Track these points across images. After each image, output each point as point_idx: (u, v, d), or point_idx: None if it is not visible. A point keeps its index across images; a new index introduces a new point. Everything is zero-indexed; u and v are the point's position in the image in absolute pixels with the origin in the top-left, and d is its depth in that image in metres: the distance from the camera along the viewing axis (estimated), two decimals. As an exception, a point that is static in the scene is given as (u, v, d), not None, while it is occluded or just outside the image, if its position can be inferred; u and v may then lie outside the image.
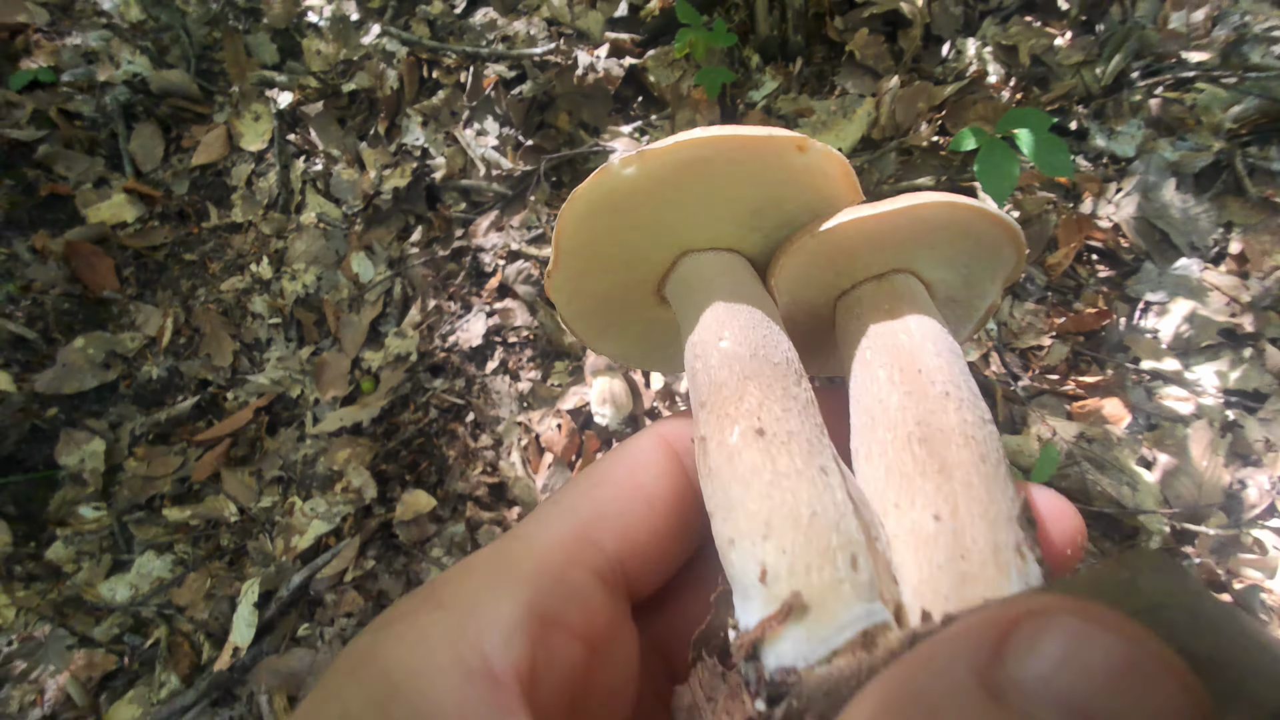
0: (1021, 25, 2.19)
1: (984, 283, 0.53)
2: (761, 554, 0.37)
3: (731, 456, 0.41)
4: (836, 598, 0.35)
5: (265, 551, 1.72)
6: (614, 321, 0.58)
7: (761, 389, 0.43)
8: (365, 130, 2.37)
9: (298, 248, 2.19)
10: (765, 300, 0.51)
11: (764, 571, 0.37)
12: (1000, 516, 0.38)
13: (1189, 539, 1.52)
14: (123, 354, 2.00)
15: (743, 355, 0.45)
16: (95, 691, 1.57)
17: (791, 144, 0.45)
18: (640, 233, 0.50)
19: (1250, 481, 1.57)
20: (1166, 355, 1.75)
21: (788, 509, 0.38)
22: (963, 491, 0.39)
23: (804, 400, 0.44)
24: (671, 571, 0.47)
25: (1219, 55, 2.07)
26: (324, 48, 2.48)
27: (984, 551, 0.38)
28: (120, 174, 2.27)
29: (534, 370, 1.96)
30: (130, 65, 2.38)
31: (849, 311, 0.52)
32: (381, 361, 2.02)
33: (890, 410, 0.43)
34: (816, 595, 0.35)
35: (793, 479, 0.39)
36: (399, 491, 1.76)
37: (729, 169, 0.46)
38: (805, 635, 0.35)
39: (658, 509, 0.44)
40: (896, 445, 0.42)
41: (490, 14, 2.52)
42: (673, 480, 0.46)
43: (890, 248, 0.49)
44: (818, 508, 0.37)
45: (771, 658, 0.35)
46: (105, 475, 1.84)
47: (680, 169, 0.45)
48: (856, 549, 0.37)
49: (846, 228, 0.46)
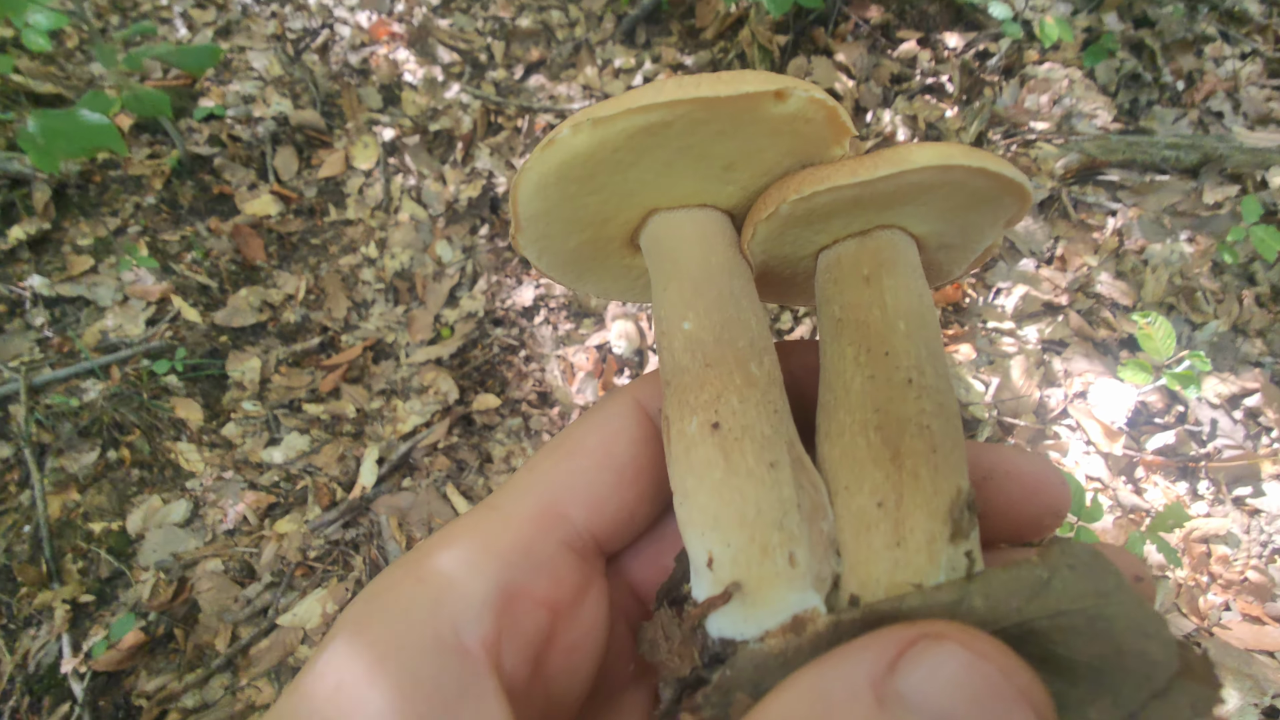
0: (922, 101, 3.09)
1: (981, 228, 0.51)
2: (709, 544, 0.41)
3: (689, 448, 0.43)
4: (772, 589, 0.39)
5: (378, 433, 2.43)
6: (589, 269, 0.58)
7: (721, 378, 0.44)
8: (447, 157, 3.22)
9: (396, 237, 2.99)
10: (737, 267, 0.50)
11: (711, 559, 0.41)
12: (940, 508, 0.41)
13: (1009, 430, 2.27)
14: (270, 304, 2.76)
15: (705, 340, 0.46)
16: (262, 516, 2.26)
17: (767, 95, 0.40)
18: (601, 197, 0.48)
19: (1053, 396, 2.33)
20: (1006, 319, 2.54)
21: (734, 507, 0.41)
22: (909, 482, 0.41)
23: (764, 383, 0.45)
24: (643, 528, 0.50)
25: (1055, 125, 2.96)
26: (417, 99, 3.37)
27: (919, 541, 0.41)
28: (266, 181, 3.09)
29: (568, 323, 2.73)
30: (276, 105, 3.24)
31: (827, 272, 0.50)
32: (457, 317, 2.78)
33: (852, 394, 0.44)
34: (754, 585, 0.39)
35: (741, 477, 0.41)
36: (473, 396, 2.50)
37: (692, 129, 0.42)
38: (742, 617, 0.39)
39: (627, 477, 0.47)
40: (853, 430, 0.44)
41: (541, 80, 3.42)
42: (644, 446, 0.48)
43: (874, 209, 0.47)
44: (762, 506, 0.41)
45: (714, 629, 0.40)
46: (259, 384, 2.56)
47: (634, 135, 0.42)
48: (795, 545, 0.40)
49: (823, 195, 0.43)
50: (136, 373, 2.41)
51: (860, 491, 0.42)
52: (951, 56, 3.14)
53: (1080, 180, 2.85)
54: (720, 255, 0.49)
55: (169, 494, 2.28)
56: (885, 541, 0.41)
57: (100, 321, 2.53)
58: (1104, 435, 2.25)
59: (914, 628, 0.32)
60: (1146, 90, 3.15)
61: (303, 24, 3.59)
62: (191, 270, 2.74)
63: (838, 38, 3.21)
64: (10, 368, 2.33)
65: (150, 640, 2.03)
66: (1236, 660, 1.93)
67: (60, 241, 2.67)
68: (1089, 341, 2.47)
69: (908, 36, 3.21)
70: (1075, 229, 2.75)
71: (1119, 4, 3.27)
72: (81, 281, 2.59)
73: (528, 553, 0.43)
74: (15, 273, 2.54)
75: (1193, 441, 2.27)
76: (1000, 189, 0.45)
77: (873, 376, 0.44)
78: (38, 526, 2.13)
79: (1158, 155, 2.78)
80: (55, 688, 1.97)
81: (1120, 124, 3.00)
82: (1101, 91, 3.08)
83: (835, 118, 0.44)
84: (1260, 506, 2.16)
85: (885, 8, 3.26)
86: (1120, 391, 2.31)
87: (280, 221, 2.98)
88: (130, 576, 2.12)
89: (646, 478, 0.48)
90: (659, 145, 0.43)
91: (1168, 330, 2.09)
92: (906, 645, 0.31)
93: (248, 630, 2.07)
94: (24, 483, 2.21)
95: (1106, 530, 2.05)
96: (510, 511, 0.45)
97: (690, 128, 0.42)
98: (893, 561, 0.40)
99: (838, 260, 0.50)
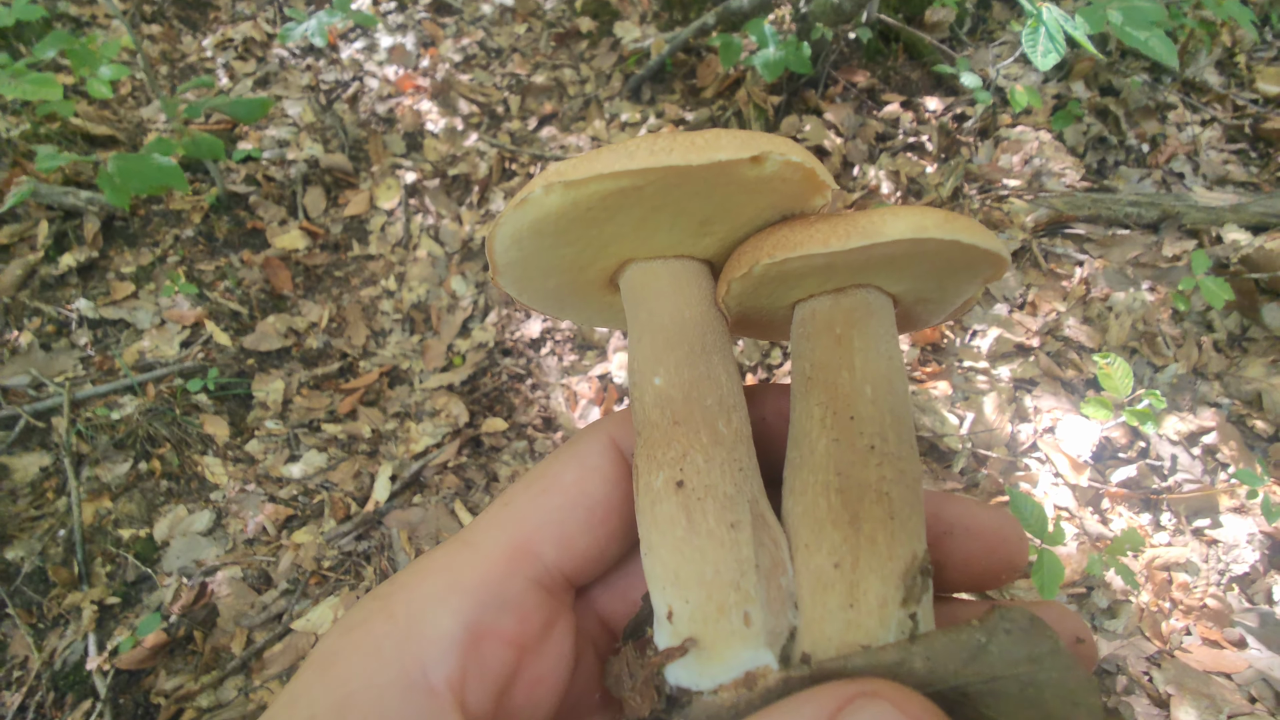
0: (904, 158, 3.35)
1: (959, 287, 0.52)
2: (669, 599, 0.43)
3: (654, 502, 0.45)
4: (726, 646, 0.41)
5: (391, 453, 2.60)
6: (569, 305, 0.59)
7: (688, 436, 0.46)
8: (464, 199, 3.47)
9: (414, 272, 3.21)
10: (711, 321, 0.50)
11: (671, 612, 0.43)
12: (894, 573, 0.42)
13: (983, 461, 2.43)
14: (295, 330, 2.96)
15: (675, 398, 0.47)
16: (280, 527, 2.40)
17: (742, 162, 0.40)
18: (575, 249, 0.48)
19: (1023, 430, 2.50)
20: (981, 359, 2.72)
21: (694, 566, 0.43)
22: (866, 546, 0.43)
23: (731, 441, 0.46)
24: (613, 563, 0.52)
25: (1026, 182, 3.21)
26: (438, 146, 3.64)
27: (871, 604, 0.42)
28: (296, 218, 3.33)
29: (573, 355, 2.92)
30: (308, 149, 3.51)
31: (801, 326, 0.51)
32: (468, 346, 2.98)
33: (817, 454, 0.46)
34: (709, 642, 0.41)
35: (702, 538, 0.43)
36: (482, 420, 2.67)
37: (665, 191, 0.42)
38: (698, 670, 0.42)
39: (598, 516, 0.48)
40: (815, 490, 0.45)
41: (553, 131, 3.71)
42: (616, 486, 0.49)
43: (847, 272, 0.47)
44: (721, 567, 0.42)
45: (672, 677, 0.43)
46: (282, 404, 2.74)
47: (606, 196, 0.41)
48: (751, 605, 0.42)
49: (795, 261, 0.44)
50: (170, 390, 2.60)
51: (819, 551, 0.44)
52: (931, 118, 3.42)
53: (1050, 233, 3.08)
54: (694, 309, 0.50)
55: (194, 504, 2.43)
56: (840, 602, 0.43)
57: (139, 342, 2.72)
58: (1071, 468, 2.41)
59: (854, 685, 0.35)
60: (1113, 152, 3.42)
61: (335, 76, 3.90)
62: (224, 298, 2.95)
63: (827, 99, 3.49)
64: (56, 383, 2.51)
65: (170, 641, 2.15)
66: (1196, 681, 2.04)
67: (106, 269, 2.89)
68: (1057, 380, 2.65)
69: (891, 99, 3.50)
70: (1045, 277, 2.96)
71: (1085, 73, 3.56)
72: (123, 306, 2.80)
73: (497, 591, 0.44)
74: (64, 296, 2.75)
75: (1154, 475, 2.42)
76: (976, 257, 0.45)
77: (837, 440, 0.45)
78: (72, 531, 2.28)
79: (1120, 211, 3.01)
80: (79, 685, 2.09)
81: (1088, 182, 3.25)
82: (1070, 153, 3.35)
83: (813, 177, 0.44)
84: (1218, 537, 2.30)
85: (871, 73, 3.56)
86: (1086, 427, 2.47)
87: (307, 255, 3.21)
88: (155, 580, 2.25)
89: (618, 517, 0.49)
90: (632, 205, 0.43)
91: (1126, 370, 2.27)
92: (845, 701, 0.33)
93: (262, 635, 2.20)
94: (61, 490, 2.36)
95: (1071, 555, 2.19)
96: (483, 548, 0.46)
97: (663, 190, 0.42)
98: (845, 622, 0.42)
99: (812, 315, 0.51)
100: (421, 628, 0.41)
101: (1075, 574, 2.19)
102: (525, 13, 4.20)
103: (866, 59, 3.61)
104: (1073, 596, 2.22)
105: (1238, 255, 2.81)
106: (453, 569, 0.44)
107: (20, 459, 2.40)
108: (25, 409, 2.43)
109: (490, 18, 4.21)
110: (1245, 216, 2.92)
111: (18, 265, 2.74)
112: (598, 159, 0.40)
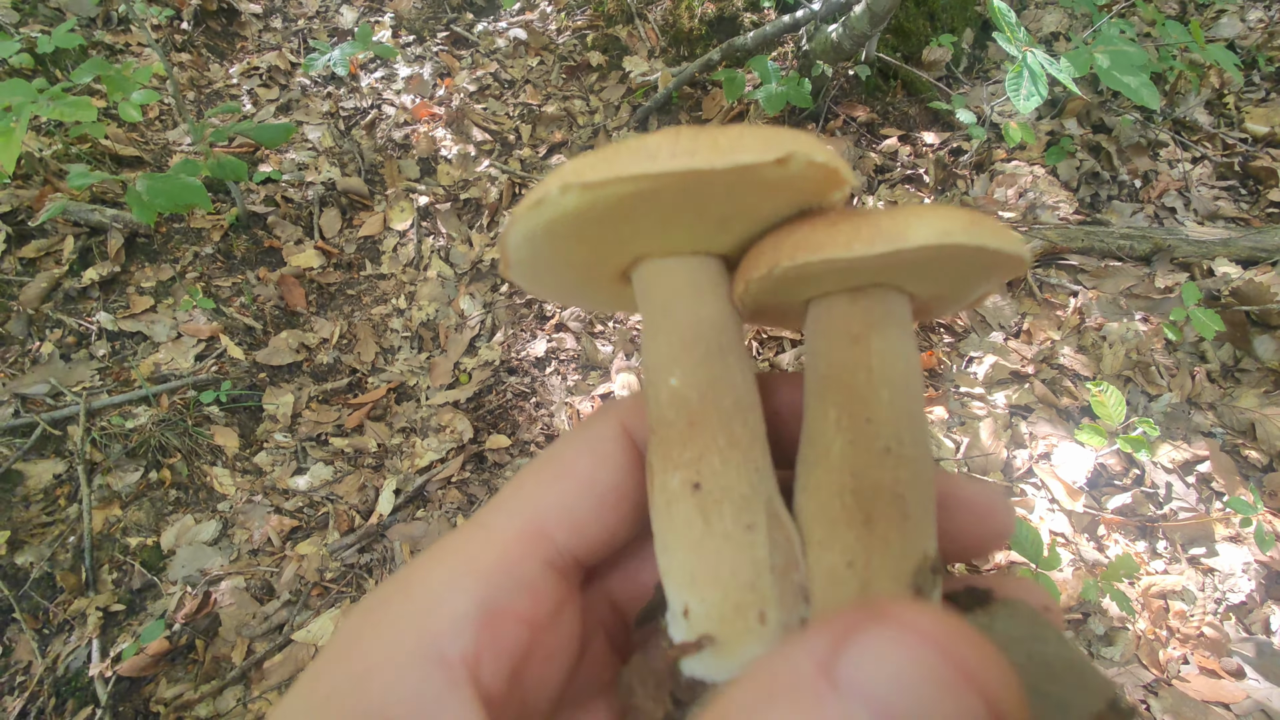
0: (902, 190, 3.45)
1: (977, 284, 0.52)
2: (685, 597, 0.44)
3: (670, 502, 0.46)
4: (741, 643, 0.43)
5: (396, 467, 2.64)
6: (580, 296, 0.60)
7: (705, 438, 0.46)
8: (474, 222, 3.57)
9: (424, 291, 3.30)
10: (727, 320, 0.50)
11: (686, 610, 0.44)
12: (906, 572, 0.43)
13: (978, 485, 2.46)
14: (307, 346, 3.04)
15: (691, 399, 0.47)
16: (285, 538, 2.44)
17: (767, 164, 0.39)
18: (590, 246, 0.49)
19: (1019, 456, 2.53)
20: (977, 385, 2.77)
21: (710, 567, 0.44)
22: (879, 546, 0.44)
23: (746, 442, 0.47)
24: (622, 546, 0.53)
25: (1020, 214, 3.29)
26: (451, 171, 3.76)
27: None
28: (311, 238, 3.43)
29: (576, 375, 2.98)
30: (326, 172, 3.64)
31: (816, 323, 0.51)
32: (475, 364, 3.04)
33: (831, 455, 0.46)
34: (724, 638, 0.43)
35: (718, 539, 0.44)
36: (486, 437, 2.72)
37: (684, 193, 0.42)
38: (713, 663, 0.43)
39: (610, 502, 0.50)
40: (829, 490, 0.46)
41: (562, 158, 3.83)
42: (628, 473, 0.50)
43: (867, 274, 0.48)
44: (736, 568, 0.44)
45: (686, 669, 0.44)
46: (291, 417, 2.80)
47: (624, 198, 0.41)
48: (765, 604, 0.43)
49: (816, 265, 0.44)
50: (183, 401, 2.66)
51: (832, 549, 0.45)
52: (929, 152, 3.53)
53: (1044, 264, 3.15)
54: (711, 308, 0.50)
55: (201, 514, 2.47)
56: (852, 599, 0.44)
57: (155, 355, 2.80)
58: (1066, 494, 2.43)
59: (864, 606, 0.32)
60: (1106, 186, 3.51)
61: (354, 104, 4.06)
62: (239, 313, 3.03)
63: (828, 133, 3.61)
64: (73, 392, 2.58)
65: (172, 649, 2.17)
66: (1194, 711, 2.04)
67: (126, 283, 2.98)
68: (1052, 408, 2.69)
69: (890, 134, 3.62)
70: (1040, 307, 3.02)
71: (1078, 111, 3.68)
72: (142, 319, 2.88)
73: (511, 572, 0.45)
74: (85, 308, 2.84)
75: (1150, 503, 2.45)
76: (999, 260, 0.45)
77: (852, 442, 0.46)
78: (81, 538, 2.32)
79: (1113, 244, 3.09)
80: (80, 691, 2.11)
81: (1081, 215, 3.33)
82: (1064, 187, 3.44)
83: (835, 176, 0.43)
84: (1214, 565, 2.31)
85: (870, 108, 3.69)
86: (1081, 454, 2.51)
87: (321, 273, 3.30)
88: (160, 588, 2.28)
89: (628, 503, 0.50)
90: (651, 206, 0.43)
91: (1118, 399, 2.31)
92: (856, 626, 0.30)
93: (263, 645, 2.22)
94: (73, 497, 2.41)
95: (1066, 581, 2.20)
96: (497, 531, 0.47)
97: (682, 191, 0.41)
98: None
99: (828, 312, 0.50)
100: (439, 606, 0.43)
101: (1071, 599, 2.20)
102: (538, 47, 4.36)
103: (866, 95, 3.74)
104: (1069, 622, 2.23)
105: (1229, 288, 2.87)
106: (468, 551, 0.46)
107: (35, 466, 2.46)
108: (43, 417, 2.49)
109: (504, 51, 4.38)
110: (1236, 250, 2.99)
111: (43, 278, 2.84)
112: (616, 159, 0.39)
